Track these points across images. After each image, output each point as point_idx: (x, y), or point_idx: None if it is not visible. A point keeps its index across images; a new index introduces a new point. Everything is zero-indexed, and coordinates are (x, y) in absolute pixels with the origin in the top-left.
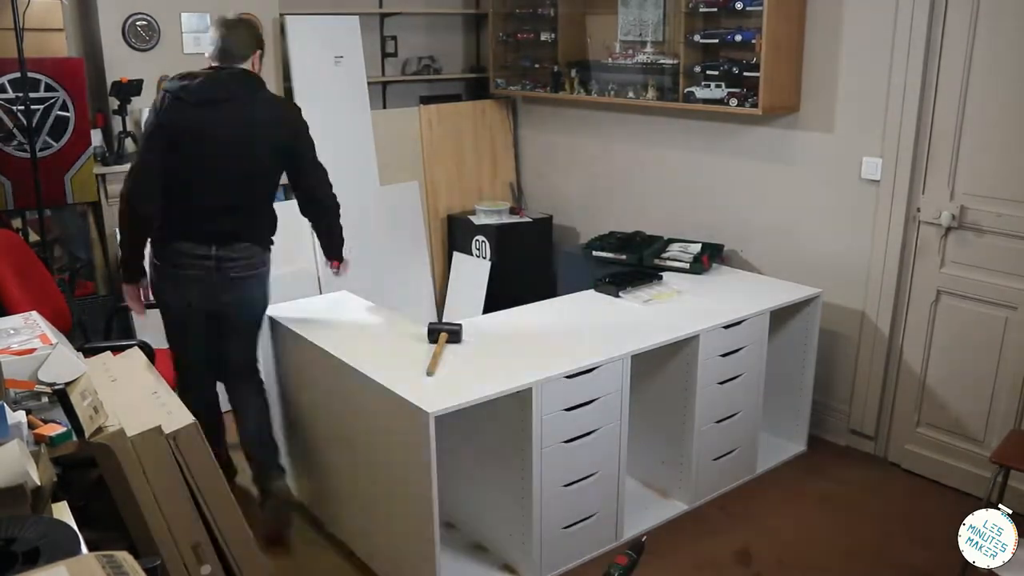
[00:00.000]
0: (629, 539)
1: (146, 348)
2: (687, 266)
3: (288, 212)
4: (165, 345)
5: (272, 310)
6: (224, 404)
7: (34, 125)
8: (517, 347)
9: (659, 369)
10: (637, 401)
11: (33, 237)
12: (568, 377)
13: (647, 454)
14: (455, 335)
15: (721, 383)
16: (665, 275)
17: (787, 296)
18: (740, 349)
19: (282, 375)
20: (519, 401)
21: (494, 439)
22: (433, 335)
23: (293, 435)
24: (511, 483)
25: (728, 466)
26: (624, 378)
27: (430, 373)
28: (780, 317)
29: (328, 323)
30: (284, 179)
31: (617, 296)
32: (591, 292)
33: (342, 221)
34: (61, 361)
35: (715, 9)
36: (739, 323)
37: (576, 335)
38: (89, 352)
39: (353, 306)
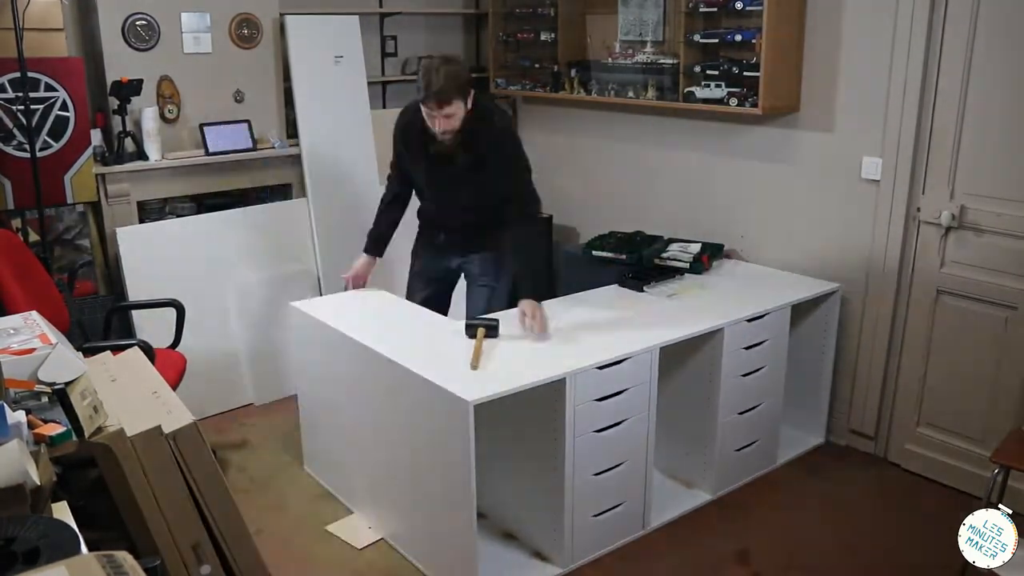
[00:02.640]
0: (655, 528)
1: (146, 348)
2: (687, 266)
3: (289, 211)
4: (165, 344)
5: (301, 304)
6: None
7: (34, 125)
8: (550, 340)
9: (684, 362)
10: (662, 393)
11: (33, 237)
12: (599, 368)
13: (672, 445)
14: (493, 330)
15: (744, 375)
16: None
17: (806, 290)
18: (763, 342)
19: (311, 368)
20: (553, 391)
21: (528, 429)
22: (471, 330)
23: (320, 427)
24: (543, 472)
25: (750, 457)
26: (653, 369)
27: (474, 367)
28: (795, 313)
29: (362, 318)
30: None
31: (641, 291)
32: (615, 287)
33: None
34: (61, 361)
35: (715, 9)
36: (762, 316)
37: (605, 328)
38: (89, 352)
39: (384, 302)
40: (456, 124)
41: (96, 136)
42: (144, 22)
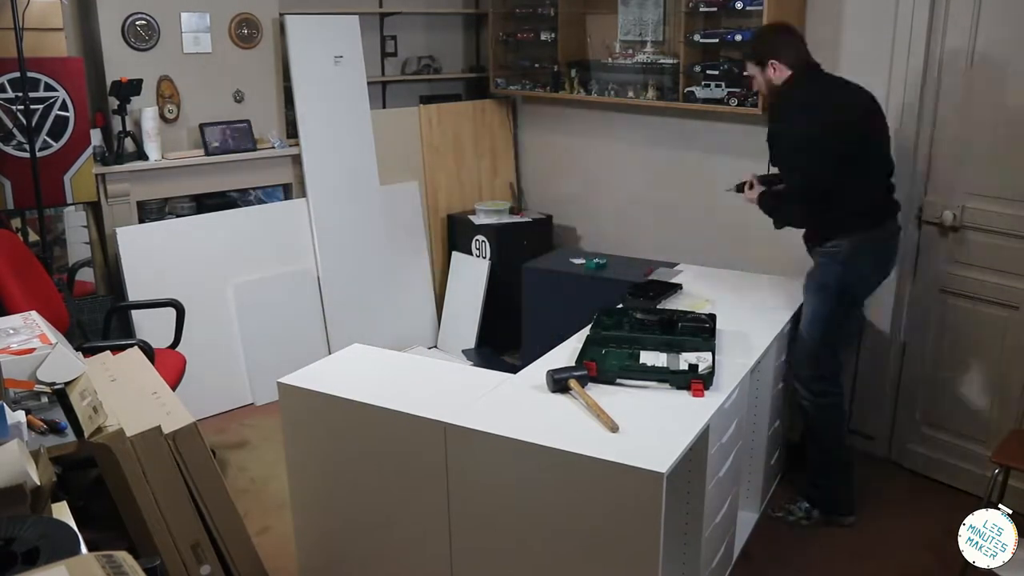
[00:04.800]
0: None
1: (146, 348)
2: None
3: (289, 211)
4: (164, 344)
5: (297, 379)
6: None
7: (34, 125)
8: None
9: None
10: None
11: (33, 237)
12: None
13: None
14: (584, 378)
15: (778, 387)
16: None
17: (786, 288)
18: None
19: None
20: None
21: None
22: (559, 384)
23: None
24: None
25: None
26: (747, 396)
27: (614, 430)
28: None
29: (425, 395)
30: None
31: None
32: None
33: None
34: (60, 361)
35: (715, 9)
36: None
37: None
38: (88, 352)
39: (388, 361)
40: (757, 87)
41: (96, 136)
42: (144, 22)
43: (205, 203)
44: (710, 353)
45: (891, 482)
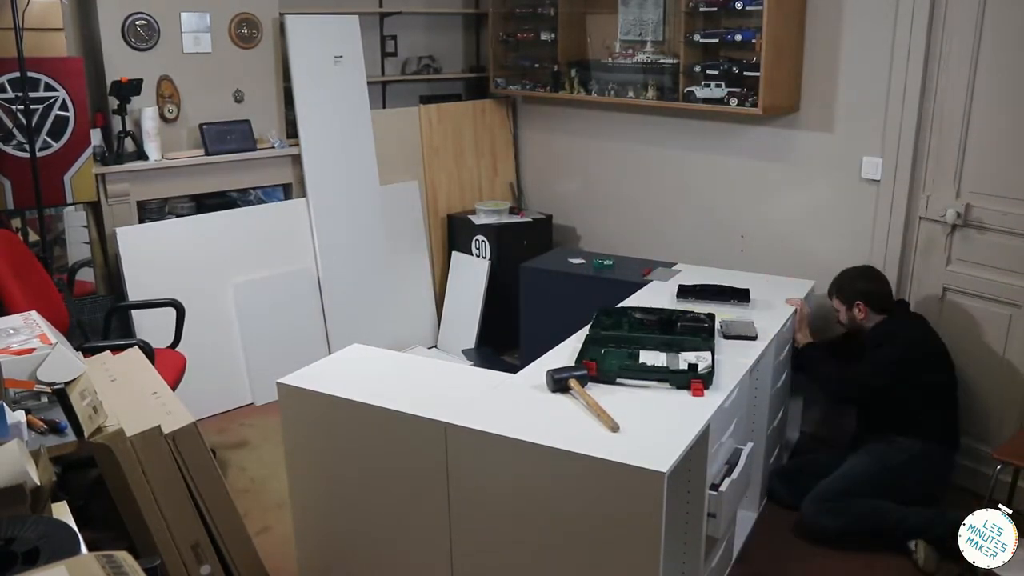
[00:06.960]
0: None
1: (146, 348)
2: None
3: (289, 211)
4: (164, 344)
5: (298, 379)
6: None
7: (34, 125)
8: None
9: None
10: None
11: (33, 237)
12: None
13: None
14: (584, 378)
15: (777, 387)
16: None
17: (794, 291)
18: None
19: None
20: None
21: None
22: (559, 383)
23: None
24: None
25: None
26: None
27: (615, 429)
28: None
29: (425, 395)
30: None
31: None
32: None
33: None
34: (60, 361)
35: (715, 9)
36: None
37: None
38: (88, 352)
39: (390, 361)
40: (841, 319)
41: (96, 136)
42: (144, 22)
43: (205, 203)
44: (709, 353)
45: None
